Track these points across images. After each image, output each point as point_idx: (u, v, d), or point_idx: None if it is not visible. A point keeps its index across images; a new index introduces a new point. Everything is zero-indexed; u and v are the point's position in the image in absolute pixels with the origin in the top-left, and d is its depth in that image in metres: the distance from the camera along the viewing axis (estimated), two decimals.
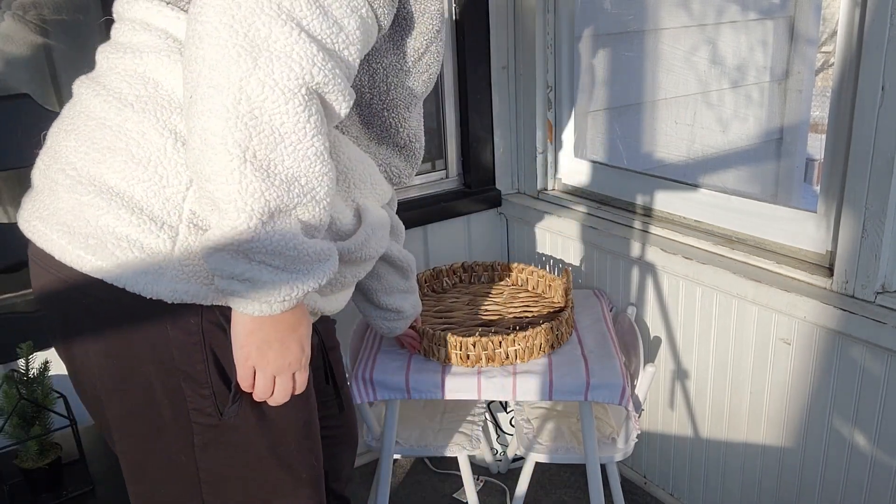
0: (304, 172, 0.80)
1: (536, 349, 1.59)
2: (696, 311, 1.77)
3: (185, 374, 0.93)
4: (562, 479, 2.13)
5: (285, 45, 0.76)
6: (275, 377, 0.91)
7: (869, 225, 1.37)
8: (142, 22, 0.91)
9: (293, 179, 0.80)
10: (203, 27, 0.76)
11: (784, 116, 2.83)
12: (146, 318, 0.90)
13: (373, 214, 1.03)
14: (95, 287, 0.89)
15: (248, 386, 0.91)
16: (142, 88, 0.89)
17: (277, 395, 0.93)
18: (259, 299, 0.83)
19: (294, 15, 0.77)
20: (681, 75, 2.52)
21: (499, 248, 2.32)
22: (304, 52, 0.77)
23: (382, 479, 1.70)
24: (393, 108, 1.02)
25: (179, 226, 0.88)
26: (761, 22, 2.67)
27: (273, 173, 0.78)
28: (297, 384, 0.94)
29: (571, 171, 2.17)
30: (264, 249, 0.80)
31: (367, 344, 1.71)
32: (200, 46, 0.77)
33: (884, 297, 1.39)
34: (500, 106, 2.20)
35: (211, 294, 0.90)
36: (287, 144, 0.78)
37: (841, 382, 1.49)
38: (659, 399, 1.96)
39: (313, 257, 0.84)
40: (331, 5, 0.80)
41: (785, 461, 1.66)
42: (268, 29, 0.76)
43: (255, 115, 0.76)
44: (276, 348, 0.89)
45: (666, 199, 1.87)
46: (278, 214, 0.80)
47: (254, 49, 0.75)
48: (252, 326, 0.87)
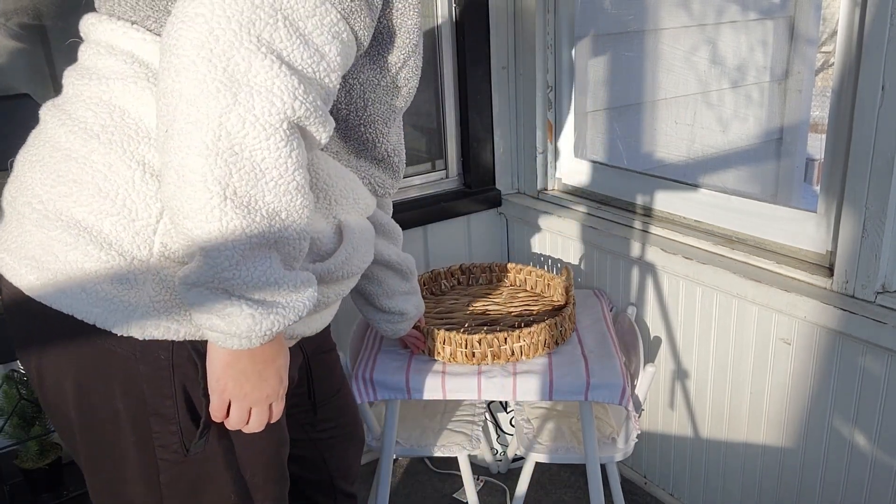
0: (285, 207, 0.79)
1: (541, 345, 1.59)
2: (696, 311, 1.77)
3: (154, 409, 0.91)
4: (562, 479, 2.13)
5: (266, 78, 0.74)
6: (251, 408, 0.90)
7: (869, 225, 1.37)
8: (107, 45, 0.88)
9: (274, 214, 0.78)
10: (180, 60, 0.74)
11: (784, 116, 2.83)
12: (117, 353, 0.89)
13: (354, 230, 1.02)
14: (66, 323, 0.87)
15: (222, 417, 0.90)
16: (107, 117, 0.86)
17: (252, 426, 0.91)
18: (239, 334, 0.81)
19: (274, 47, 0.75)
20: (681, 75, 2.52)
21: (499, 248, 2.32)
22: (285, 86, 0.75)
23: (382, 478, 1.70)
24: (371, 124, 1.00)
25: (150, 260, 0.86)
26: (761, 22, 2.67)
27: (254, 209, 0.77)
28: (273, 414, 0.93)
29: (571, 171, 2.17)
30: (245, 284, 0.79)
31: (368, 344, 1.71)
32: (177, 80, 0.74)
33: (884, 297, 1.39)
34: (500, 106, 2.20)
35: (183, 329, 0.88)
36: (268, 180, 0.77)
37: (841, 382, 1.49)
38: (659, 399, 1.96)
39: (293, 289, 0.83)
40: (311, 33, 0.78)
41: (785, 461, 1.66)
42: (247, 63, 0.74)
43: (236, 152, 0.75)
44: (253, 381, 0.87)
45: (666, 199, 1.87)
46: (258, 249, 0.79)
47: (233, 84, 0.74)
48: (229, 359, 0.86)
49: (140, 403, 0.91)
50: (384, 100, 1.00)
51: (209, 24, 0.73)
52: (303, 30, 0.77)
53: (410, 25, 0.97)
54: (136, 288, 0.86)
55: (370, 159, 1.05)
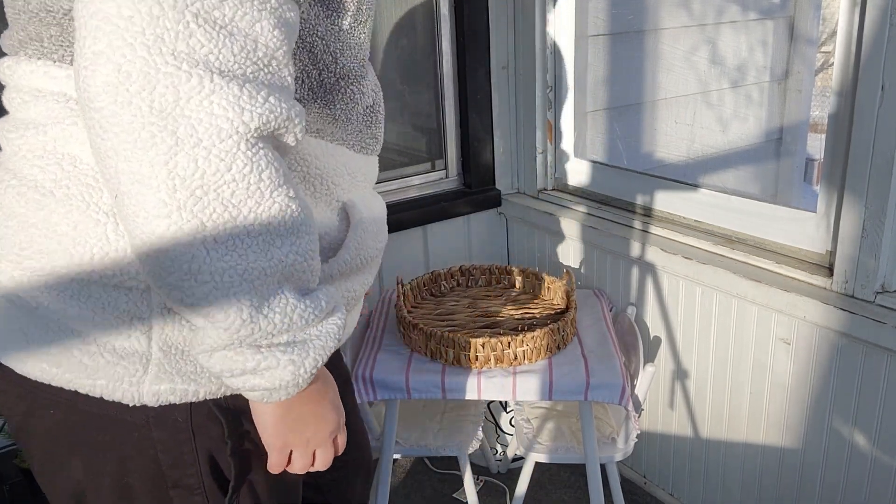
0: (278, 233, 0.69)
1: (543, 350, 1.59)
2: (696, 310, 1.77)
3: (174, 481, 0.82)
4: (562, 479, 2.13)
5: (200, 100, 0.63)
6: (314, 451, 0.82)
7: (869, 225, 1.37)
8: (31, 90, 0.76)
9: (268, 246, 0.68)
10: (100, 115, 0.63)
11: (784, 116, 2.83)
12: (127, 424, 0.80)
13: (361, 209, 0.92)
14: (66, 399, 0.78)
15: (280, 469, 0.82)
16: (58, 170, 0.75)
17: (318, 465, 0.84)
18: (284, 385, 0.72)
19: (196, 56, 0.63)
20: (681, 75, 2.52)
21: (498, 248, 2.32)
22: (225, 101, 0.64)
23: (382, 479, 1.70)
24: (347, 77, 0.88)
25: (151, 317, 0.76)
26: (761, 22, 2.67)
27: (244, 251, 0.67)
28: (339, 446, 0.85)
29: (571, 171, 2.17)
30: (269, 333, 0.70)
31: (368, 343, 1.71)
32: (105, 138, 0.64)
33: (883, 297, 1.39)
34: (500, 106, 2.20)
35: (202, 389, 0.79)
36: (247, 214, 0.67)
37: (841, 382, 1.49)
38: (659, 399, 1.96)
39: (321, 313, 0.74)
40: (232, 19, 0.65)
41: (785, 461, 1.66)
42: (173, 89, 0.63)
43: (199, 197, 0.64)
44: (311, 423, 0.79)
45: (666, 198, 1.87)
46: (265, 291, 0.69)
47: (167, 120, 0.63)
48: (281, 411, 0.77)
49: (157, 476, 0.82)
50: (352, 45, 0.87)
51: (113, 61, 0.62)
52: (221, 19, 0.65)
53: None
54: (140, 351, 0.77)
55: (358, 117, 0.92)
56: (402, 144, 2.18)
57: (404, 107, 2.15)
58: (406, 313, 1.69)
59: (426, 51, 2.11)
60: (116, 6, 0.62)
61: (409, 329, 1.64)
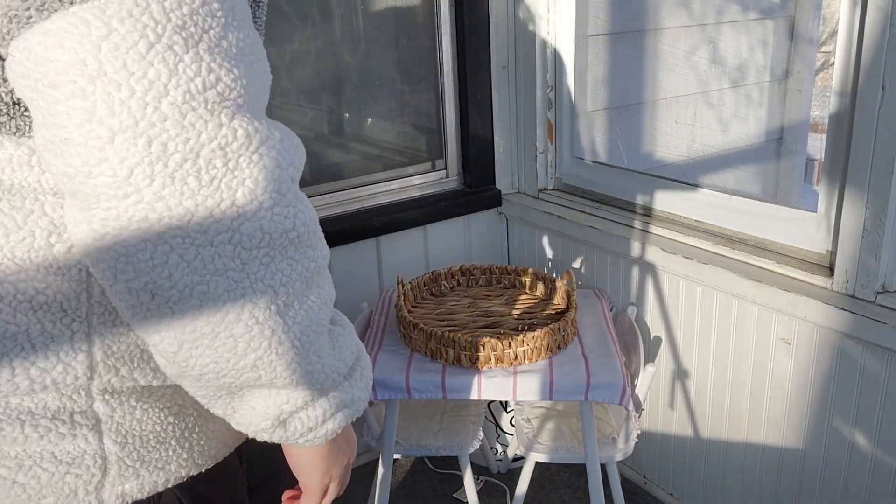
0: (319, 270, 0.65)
1: (544, 350, 1.59)
2: (696, 310, 1.76)
3: None
4: (562, 479, 2.13)
5: (249, 155, 0.57)
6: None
7: (869, 224, 1.37)
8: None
9: (319, 288, 0.65)
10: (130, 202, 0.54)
11: (784, 116, 2.82)
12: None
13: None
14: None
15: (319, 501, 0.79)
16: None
17: (343, 489, 0.81)
18: (346, 417, 0.70)
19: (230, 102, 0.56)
20: (681, 75, 2.52)
21: (499, 247, 2.32)
22: (273, 149, 0.58)
23: (382, 478, 1.70)
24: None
25: (94, 406, 0.65)
26: (761, 22, 2.67)
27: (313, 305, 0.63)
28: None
29: (572, 170, 2.17)
30: (340, 371, 0.68)
31: (368, 343, 1.71)
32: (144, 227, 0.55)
33: (884, 297, 1.39)
34: (501, 105, 2.20)
35: (172, 476, 0.72)
36: (307, 266, 0.63)
37: (841, 382, 1.49)
38: (659, 399, 1.96)
39: (351, 341, 0.72)
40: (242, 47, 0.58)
41: (785, 461, 1.66)
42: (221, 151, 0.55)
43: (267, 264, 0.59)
44: (345, 449, 0.77)
45: (666, 198, 1.87)
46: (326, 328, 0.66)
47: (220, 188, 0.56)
48: (328, 446, 0.73)
49: None
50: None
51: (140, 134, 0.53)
52: (230, 48, 0.57)
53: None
54: (90, 452, 0.66)
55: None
56: (403, 144, 2.18)
57: (404, 106, 2.14)
58: (406, 313, 1.69)
59: (426, 50, 2.11)
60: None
61: (409, 329, 1.64)
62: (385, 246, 2.10)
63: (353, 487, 2.14)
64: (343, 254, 2.02)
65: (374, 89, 2.07)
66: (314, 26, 1.93)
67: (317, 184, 2.02)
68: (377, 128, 2.13)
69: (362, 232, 2.02)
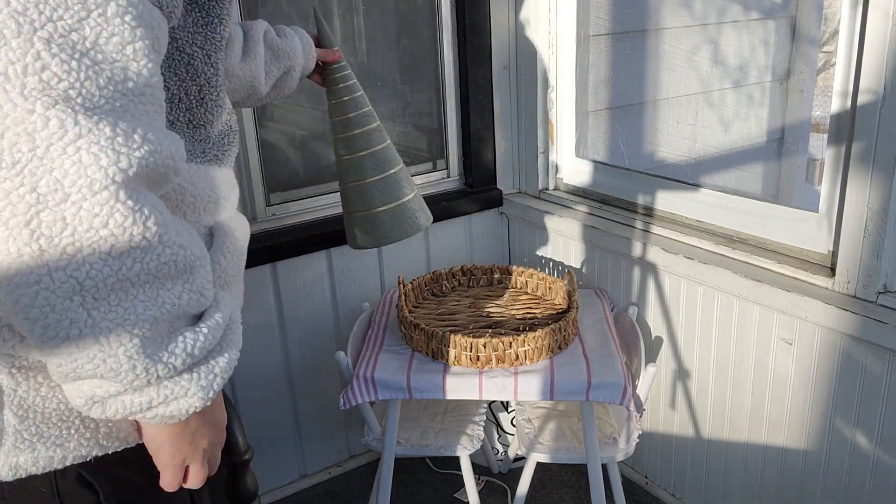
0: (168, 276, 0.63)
1: (545, 349, 1.59)
2: (697, 310, 1.76)
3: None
4: (563, 480, 2.13)
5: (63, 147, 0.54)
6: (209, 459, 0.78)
7: (870, 225, 1.37)
8: None
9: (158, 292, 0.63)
10: None
11: (786, 116, 2.82)
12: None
13: (227, 231, 0.85)
14: None
15: (176, 486, 0.76)
16: None
17: (212, 470, 0.79)
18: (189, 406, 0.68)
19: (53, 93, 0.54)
20: (682, 75, 2.52)
21: (500, 247, 2.32)
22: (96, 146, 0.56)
23: (383, 478, 1.70)
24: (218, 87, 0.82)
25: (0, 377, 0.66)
26: (763, 22, 2.66)
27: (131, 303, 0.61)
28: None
29: (573, 170, 2.17)
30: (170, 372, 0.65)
31: (369, 343, 1.71)
32: None
33: (885, 297, 1.39)
34: (502, 106, 2.20)
35: (70, 454, 0.71)
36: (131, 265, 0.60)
37: (842, 383, 1.49)
38: (660, 399, 1.96)
39: (222, 329, 0.70)
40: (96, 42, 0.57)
41: (786, 461, 1.66)
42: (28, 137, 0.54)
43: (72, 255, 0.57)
44: (206, 433, 0.75)
45: (667, 198, 1.87)
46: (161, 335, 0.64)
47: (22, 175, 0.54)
48: (179, 428, 0.72)
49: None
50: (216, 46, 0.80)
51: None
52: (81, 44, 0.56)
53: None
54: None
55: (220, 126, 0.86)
56: (404, 144, 2.18)
57: (406, 106, 2.14)
58: (407, 313, 1.69)
59: (427, 50, 2.11)
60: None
61: (410, 329, 1.64)
62: (386, 246, 2.10)
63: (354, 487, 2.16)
64: (344, 253, 2.03)
65: (376, 89, 2.07)
66: (314, 26, 1.93)
67: (318, 184, 2.02)
68: None
69: None
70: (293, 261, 1.94)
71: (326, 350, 2.07)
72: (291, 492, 2.13)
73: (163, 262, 0.62)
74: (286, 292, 1.96)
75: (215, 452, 0.78)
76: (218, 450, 0.79)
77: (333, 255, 2.01)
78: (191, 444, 0.74)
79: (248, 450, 1.27)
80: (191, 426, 0.73)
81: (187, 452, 0.74)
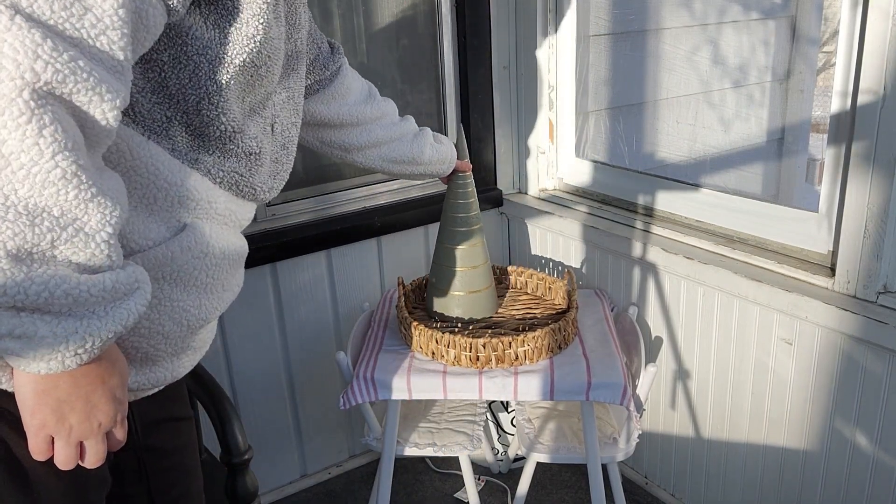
0: (54, 202, 0.62)
1: (544, 349, 1.59)
2: (697, 310, 1.76)
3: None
4: (563, 480, 2.13)
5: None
6: (81, 442, 0.74)
7: (871, 225, 1.37)
8: None
9: (38, 212, 0.62)
10: None
11: (786, 116, 2.82)
12: None
13: (206, 235, 0.85)
14: None
15: (43, 456, 0.73)
16: None
17: (90, 461, 0.75)
18: (44, 357, 0.66)
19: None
20: (682, 75, 2.52)
21: (500, 247, 2.32)
22: (19, 42, 0.58)
23: (383, 478, 1.70)
24: (228, 114, 0.83)
25: None
26: (763, 22, 2.67)
27: (5, 206, 0.61)
28: (115, 442, 0.77)
29: (573, 170, 2.17)
30: (27, 298, 0.63)
31: (369, 344, 1.71)
32: None
33: (885, 298, 1.39)
34: (502, 105, 2.20)
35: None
36: (15, 168, 0.60)
37: (843, 383, 1.49)
38: (660, 399, 1.96)
39: (105, 297, 0.67)
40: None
41: (786, 461, 1.66)
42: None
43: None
44: (79, 409, 0.71)
45: (667, 198, 1.87)
46: (30, 257, 0.63)
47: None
48: (44, 385, 0.69)
49: None
50: (227, 70, 0.81)
51: None
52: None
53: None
54: None
55: (237, 160, 0.88)
56: None
57: (406, 106, 2.14)
58: (407, 314, 1.69)
59: (427, 50, 2.11)
60: None
61: (410, 329, 1.64)
62: (386, 246, 2.10)
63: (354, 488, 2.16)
64: (344, 254, 2.03)
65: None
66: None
67: (318, 184, 2.02)
68: None
69: (364, 232, 2.02)
70: (293, 261, 1.94)
71: (326, 350, 2.07)
72: (291, 492, 2.13)
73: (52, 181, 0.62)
74: (286, 292, 1.96)
75: (93, 438, 0.74)
76: (97, 436, 0.74)
77: (333, 255, 2.01)
78: (55, 412, 0.70)
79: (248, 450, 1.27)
80: (58, 392, 0.70)
81: (50, 420, 0.70)
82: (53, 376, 0.68)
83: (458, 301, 1.70)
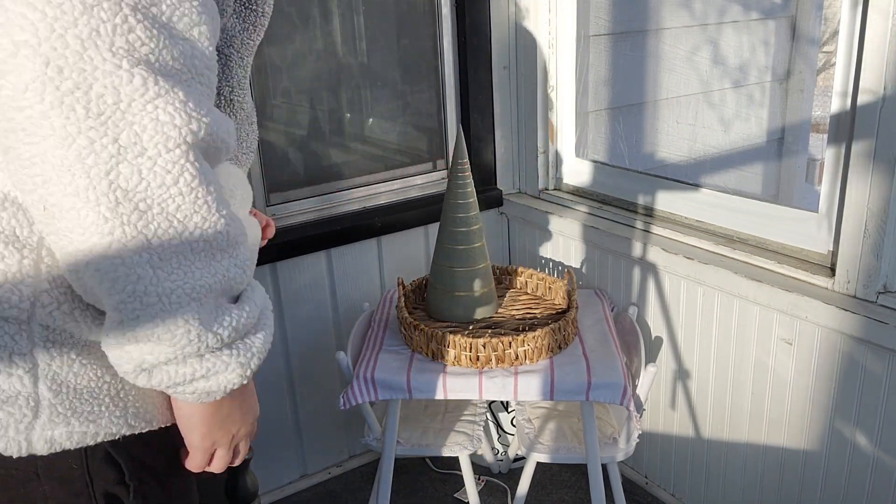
0: (220, 247, 0.66)
1: (544, 349, 1.59)
2: (697, 310, 1.76)
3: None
4: (563, 480, 2.13)
5: (144, 104, 0.58)
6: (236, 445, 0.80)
7: (870, 225, 1.37)
8: None
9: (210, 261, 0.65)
10: (23, 115, 0.57)
11: (786, 116, 2.82)
12: (12, 481, 0.72)
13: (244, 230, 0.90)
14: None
15: (202, 469, 0.78)
16: None
17: (239, 459, 0.82)
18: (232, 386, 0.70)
19: (137, 54, 0.58)
20: (682, 75, 2.52)
21: (500, 248, 2.32)
22: (172, 106, 0.59)
23: (383, 478, 1.70)
24: (241, 87, 0.85)
25: (35, 352, 0.67)
26: (763, 22, 2.66)
27: (190, 268, 0.63)
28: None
29: (573, 170, 2.17)
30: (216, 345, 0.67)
31: (369, 344, 1.71)
32: (31, 142, 0.57)
33: (885, 297, 1.39)
34: (502, 106, 2.20)
35: (102, 430, 0.72)
36: (193, 229, 0.63)
37: (842, 383, 1.49)
38: (660, 399, 1.96)
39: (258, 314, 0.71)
40: (171, 18, 0.61)
41: (786, 461, 1.66)
42: (113, 90, 0.57)
43: (143, 211, 0.60)
44: (238, 418, 0.77)
45: (667, 198, 1.87)
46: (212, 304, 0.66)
47: (107, 125, 0.57)
48: (212, 409, 0.73)
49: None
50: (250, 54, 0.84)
51: (41, 54, 0.55)
52: (160, 17, 0.60)
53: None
54: (25, 393, 0.68)
55: (241, 130, 0.90)
56: (404, 144, 2.18)
57: (406, 106, 2.15)
58: (407, 314, 1.69)
59: (427, 50, 2.11)
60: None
61: (410, 329, 1.64)
62: (386, 246, 2.10)
63: (354, 488, 2.16)
64: (344, 254, 2.03)
65: (376, 89, 2.07)
66: (315, 26, 1.94)
67: (318, 184, 2.02)
68: (378, 128, 2.13)
69: (364, 232, 2.02)
70: (293, 261, 1.94)
71: (326, 350, 2.07)
72: (291, 492, 2.13)
73: (218, 231, 0.65)
74: (286, 292, 1.96)
75: (244, 441, 0.80)
76: (247, 440, 0.80)
77: (333, 255, 2.01)
78: (222, 428, 0.75)
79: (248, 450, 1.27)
80: (224, 409, 0.74)
81: (218, 436, 0.76)
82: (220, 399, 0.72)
83: (457, 301, 1.70)
